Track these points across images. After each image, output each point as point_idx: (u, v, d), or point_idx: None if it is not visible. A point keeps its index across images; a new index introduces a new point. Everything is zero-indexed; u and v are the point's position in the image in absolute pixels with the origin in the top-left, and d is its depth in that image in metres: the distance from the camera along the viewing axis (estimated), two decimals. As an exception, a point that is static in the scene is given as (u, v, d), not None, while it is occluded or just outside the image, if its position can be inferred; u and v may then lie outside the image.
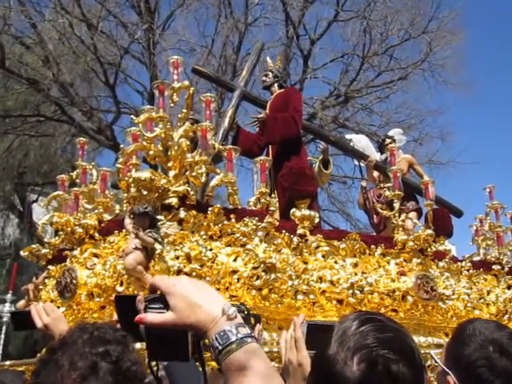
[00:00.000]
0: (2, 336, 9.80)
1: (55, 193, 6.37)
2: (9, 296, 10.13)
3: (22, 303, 6.80)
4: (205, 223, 5.00)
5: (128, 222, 4.75)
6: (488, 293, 6.84)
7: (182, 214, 4.91)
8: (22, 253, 6.45)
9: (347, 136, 10.84)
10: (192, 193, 4.84)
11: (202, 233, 4.98)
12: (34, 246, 6.36)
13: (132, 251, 4.61)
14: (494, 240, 7.64)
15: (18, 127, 16.70)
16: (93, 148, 15.87)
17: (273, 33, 18.02)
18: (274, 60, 8.44)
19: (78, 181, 6.26)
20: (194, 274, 4.68)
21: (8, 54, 15.24)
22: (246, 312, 1.54)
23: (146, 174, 4.71)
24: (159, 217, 4.82)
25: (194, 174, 4.81)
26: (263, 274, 4.99)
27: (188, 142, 4.87)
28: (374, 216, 8.24)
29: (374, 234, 8.19)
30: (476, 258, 7.41)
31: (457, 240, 7.86)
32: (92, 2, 16.16)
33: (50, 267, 6.07)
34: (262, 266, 4.99)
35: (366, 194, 8.62)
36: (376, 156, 8.67)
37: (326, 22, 17.80)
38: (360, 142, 9.27)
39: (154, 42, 15.93)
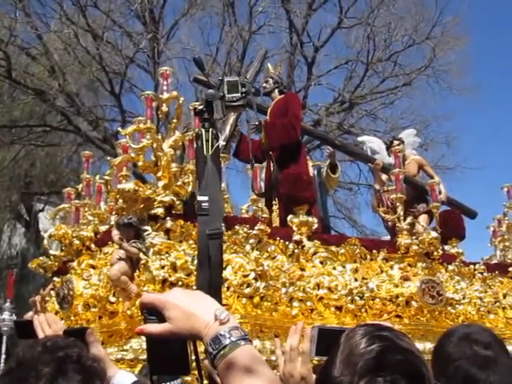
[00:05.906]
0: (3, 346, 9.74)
1: (61, 206, 6.49)
2: (7, 305, 10.08)
3: (30, 314, 6.75)
4: (194, 232, 4.92)
5: (115, 233, 4.77)
6: (504, 296, 6.66)
7: (169, 223, 4.90)
8: (29, 265, 6.55)
9: (359, 138, 10.74)
10: (178, 202, 4.82)
11: (191, 242, 4.93)
12: (41, 258, 6.44)
13: (116, 262, 4.64)
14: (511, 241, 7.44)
15: (25, 137, 16.81)
16: (98, 157, 15.91)
17: (277, 40, 18.10)
18: (275, 66, 8.42)
19: (83, 193, 6.31)
20: (179, 283, 4.64)
21: (14, 64, 15.34)
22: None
23: (130, 185, 4.73)
24: (146, 227, 4.82)
25: (179, 183, 4.80)
26: (253, 281, 4.94)
27: (173, 152, 4.86)
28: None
29: (389, 238, 8.06)
30: (494, 261, 7.27)
31: (470, 243, 7.65)
32: (97, 12, 16.31)
33: (55, 279, 6.11)
34: (253, 273, 4.95)
35: (380, 197, 8.47)
36: (388, 159, 8.41)
37: (329, 29, 17.83)
38: (373, 143, 9.10)
39: (159, 51, 16.02)
